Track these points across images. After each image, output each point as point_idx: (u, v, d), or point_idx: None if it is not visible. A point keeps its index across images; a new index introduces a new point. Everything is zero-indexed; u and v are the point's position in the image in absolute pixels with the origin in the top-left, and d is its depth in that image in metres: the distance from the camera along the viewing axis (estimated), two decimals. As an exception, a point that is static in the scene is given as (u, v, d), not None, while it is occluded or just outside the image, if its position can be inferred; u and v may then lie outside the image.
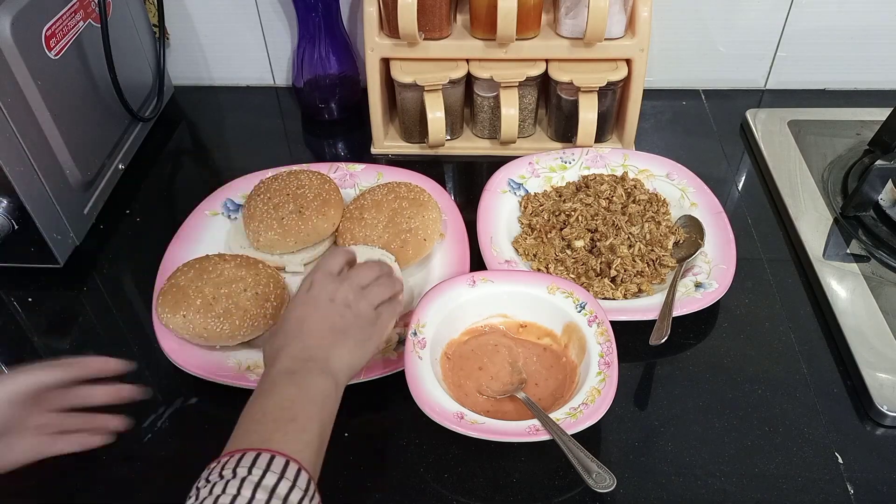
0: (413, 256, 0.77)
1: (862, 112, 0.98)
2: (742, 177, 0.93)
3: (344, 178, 0.89)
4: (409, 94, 0.92)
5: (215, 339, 0.69)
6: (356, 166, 0.90)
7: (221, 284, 0.71)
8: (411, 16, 0.82)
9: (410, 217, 0.78)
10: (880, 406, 0.64)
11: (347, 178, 0.89)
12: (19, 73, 0.72)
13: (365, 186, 0.87)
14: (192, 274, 0.72)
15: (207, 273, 0.72)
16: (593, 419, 0.60)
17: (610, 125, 0.96)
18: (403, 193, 0.80)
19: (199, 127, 1.07)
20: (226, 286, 0.71)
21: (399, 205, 0.79)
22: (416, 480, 0.62)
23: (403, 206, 0.78)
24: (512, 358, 0.69)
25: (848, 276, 0.76)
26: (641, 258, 0.77)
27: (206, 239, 0.82)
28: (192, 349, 0.70)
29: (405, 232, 0.77)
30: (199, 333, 0.69)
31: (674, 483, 0.62)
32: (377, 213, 0.78)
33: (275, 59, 1.09)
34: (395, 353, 0.68)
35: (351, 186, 0.89)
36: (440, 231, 0.80)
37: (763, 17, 1.00)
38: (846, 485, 0.61)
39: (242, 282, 0.71)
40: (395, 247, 0.76)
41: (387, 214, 0.78)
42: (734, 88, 1.07)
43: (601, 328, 0.67)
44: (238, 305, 0.70)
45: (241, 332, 0.69)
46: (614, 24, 0.86)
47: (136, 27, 0.96)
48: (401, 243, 0.76)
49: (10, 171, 0.72)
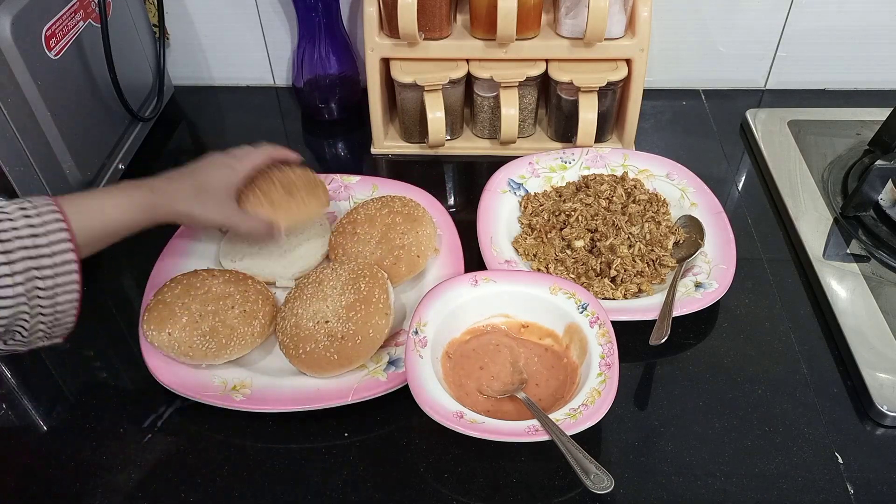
0: (406, 273, 0.76)
1: (862, 112, 0.98)
2: (742, 177, 0.93)
3: (339, 189, 0.88)
4: (409, 94, 0.92)
5: (200, 358, 0.68)
6: (351, 178, 0.89)
7: (209, 301, 0.70)
8: (411, 16, 0.82)
9: (404, 233, 0.76)
10: (880, 406, 0.64)
11: (342, 189, 0.88)
12: (19, 73, 0.72)
13: (359, 199, 0.86)
14: (178, 290, 0.71)
15: (195, 289, 0.71)
16: (593, 420, 0.60)
17: (610, 125, 0.96)
18: (398, 208, 0.79)
19: (199, 127, 1.07)
20: (213, 303, 0.70)
21: (393, 220, 0.77)
22: (416, 480, 0.62)
23: (397, 222, 0.77)
24: (513, 358, 0.69)
25: (848, 276, 0.76)
26: (641, 258, 0.77)
27: (196, 252, 0.81)
28: (177, 367, 0.69)
29: (398, 248, 0.75)
30: (184, 352, 0.68)
31: (674, 483, 0.62)
32: (370, 228, 0.77)
33: (275, 59, 1.09)
34: (385, 375, 0.68)
35: (345, 199, 0.88)
36: (434, 247, 0.79)
37: (763, 17, 1.00)
38: (846, 485, 0.61)
39: (230, 298, 0.71)
40: (387, 263, 0.75)
41: (380, 230, 0.77)
42: (734, 88, 1.08)
43: (602, 329, 0.67)
44: (225, 323, 0.69)
45: (227, 350, 0.69)
46: (614, 24, 0.86)
47: (136, 27, 0.96)
48: (393, 259, 0.75)
49: (10, 171, 0.72)
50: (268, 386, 0.68)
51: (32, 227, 0.56)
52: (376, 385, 0.67)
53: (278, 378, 0.69)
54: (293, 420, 0.66)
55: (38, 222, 0.56)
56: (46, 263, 0.56)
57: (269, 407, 0.66)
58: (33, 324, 0.57)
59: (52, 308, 0.58)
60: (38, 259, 0.56)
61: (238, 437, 0.66)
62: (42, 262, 0.56)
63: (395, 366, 0.68)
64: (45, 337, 0.60)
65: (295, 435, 0.66)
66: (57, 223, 0.57)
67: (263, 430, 0.66)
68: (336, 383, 0.67)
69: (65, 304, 0.59)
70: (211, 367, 0.70)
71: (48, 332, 0.60)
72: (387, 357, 0.69)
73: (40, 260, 0.56)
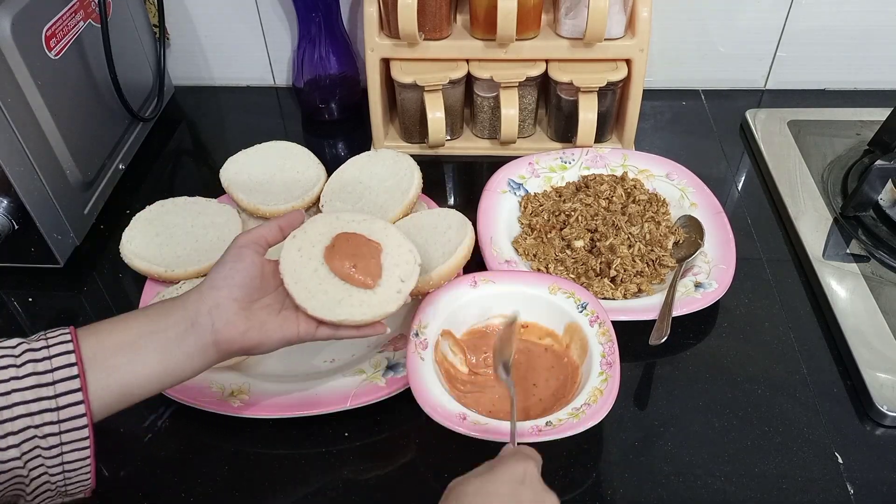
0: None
1: (862, 112, 0.98)
2: (742, 177, 0.93)
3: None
4: (409, 95, 0.92)
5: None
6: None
7: None
8: (411, 16, 0.82)
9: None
10: (880, 406, 0.65)
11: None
12: (19, 73, 0.72)
13: None
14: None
15: None
16: (596, 419, 0.60)
17: (610, 125, 0.96)
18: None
19: (199, 127, 1.07)
20: None
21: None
22: (417, 480, 0.62)
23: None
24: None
25: (848, 275, 0.76)
26: (641, 258, 0.77)
27: None
28: None
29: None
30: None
31: (674, 483, 0.62)
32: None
33: (275, 59, 1.09)
34: (384, 380, 0.68)
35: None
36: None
37: (763, 17, 1.00)
38: (846, 485, 0.61)
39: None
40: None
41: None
42: (734, 88, 1.08)
43: (603, 328, 0.67)
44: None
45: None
46: (614, 25, 0.86)
47: (136, 27, 0.96)
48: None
49: (10, 171, 0.72)
50: (266, 392, 0.67)
51: (37, 376, 0.48)
52: (375, 390, 0.67)
53: (276, 384, 0.68)
54: (293, 421, 0.66)
55: (44, 368, 0.48)
56: (50, 419, 0.48)
57: (267, 413, 0.65)
58: (35, 486, 0.49)
59: (59, 468, 0.49)
60: (40, 415, 0.47)
61: (238, 437, 0.66)
62: (45, 417, 0.48)
63: (394, 371, 0.68)
64: (57, 495, 0.51)
65: (295, 435, 0.66)
66: (68, 369, 0.49)
67: (263, 431, 0.66)
68: (334, 389, 0.67)
69: (74, 462, 0.50)
70: (209, 373, 0.69)
71: (61, 489, 0.51)
72: (385, 362, 0.69)
73: (43, 415, 0.48)
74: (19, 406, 0.47)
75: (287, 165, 0.87)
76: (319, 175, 0.86)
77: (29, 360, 0.48)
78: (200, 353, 0.54)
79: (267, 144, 0.90)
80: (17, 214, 0.74)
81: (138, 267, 0.77)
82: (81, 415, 0.49)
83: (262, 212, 0.82)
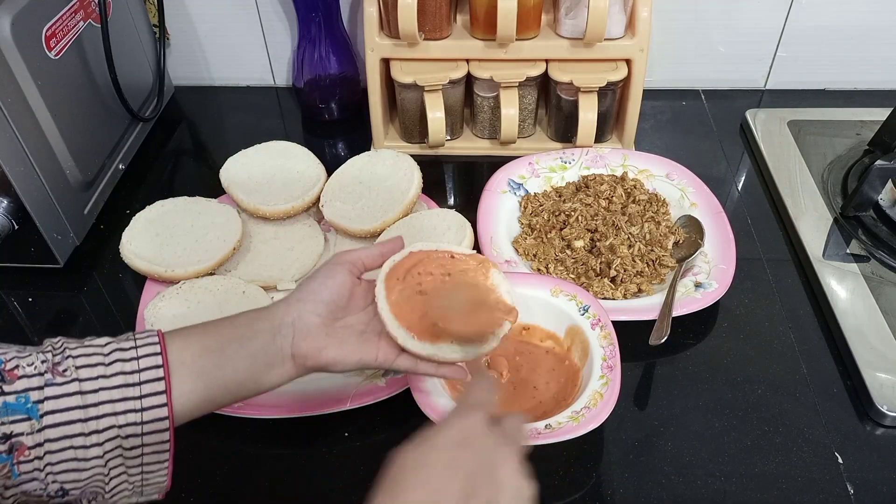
0: None
1: (862, 112, 0.98)
2: (742, 177, 0.93)
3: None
4: (409, 94, 0.92)
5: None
6: None
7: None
8: (411, 16, 0.82)
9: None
10: (880, 406, 0.65)
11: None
12: (19, 73, 0.72)
13: None
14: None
15: None
16: (595, 423, 0.59)
17: (610, 125, 0.96)
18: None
19: (199, 127, 1.07)
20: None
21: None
22: (417, 480, 0.62)
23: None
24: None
25: (848, 275, 0.76)
26: (641, 258, 0.77)
27: None
28: None
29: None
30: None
31: (674, 483, 0.62)
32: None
33: (275, 59, 1.09)
34: (384, 380, 0.68)
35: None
36: None
37: (763, 17, 1.00)
38: (846, 485, 0.61)
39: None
40: None
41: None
42: (734, 88, 1.08)
43: (604, 331, 0.67)
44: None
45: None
46: (614, 25, 0.86)
47: (136, 27, 0.96)
48: None
49: (10, 171, 0.72)
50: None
51: (125, 376, 0.48)
52: (375, 390, 0.67)
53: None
54: (293, 421, 0.66)
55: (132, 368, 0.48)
56: (134, 420, 0.48)
57: (267, 413, 0.65)
58: (115, 485, 0.49)
59: (138, 469, 0.49)
60: (125, 415, 0.47)
61: (238, 436, 0.66)
62: (129, 417, 0.47)
63: (394, 371, 0.68)
64: (133, 495, 0.51)
65: (295, 435, 0.66)
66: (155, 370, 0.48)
67: (263, 430, 0.66)
68: (334, 389, 0.67)
69: (153, 464, 0.50)
70: None
71: (138, 489, 0.51)
72: None
73: (127, 416, 0.47)
74: (105, 405, 0.47)
75: (287, 165, 0.87)
76: (319, 175, 0.86)
77: (117, 360, 0.48)
78: (279, 365, 0.53)
79: (267, 144, 0.90)
80: (17, 214, 0.74)
81: (138, 267, 0.77)
82: (164, 417, 0.48)
83: (262, 212, 0.82)
